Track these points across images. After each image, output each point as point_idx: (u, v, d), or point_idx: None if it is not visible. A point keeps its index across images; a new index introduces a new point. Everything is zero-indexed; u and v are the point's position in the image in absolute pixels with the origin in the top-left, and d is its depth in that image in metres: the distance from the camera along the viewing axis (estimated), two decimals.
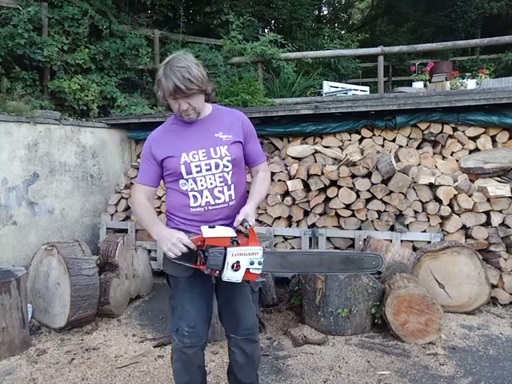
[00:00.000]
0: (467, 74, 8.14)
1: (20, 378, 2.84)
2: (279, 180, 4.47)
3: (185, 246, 1.83)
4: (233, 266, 1.80)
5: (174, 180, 2.01)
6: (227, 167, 1.99)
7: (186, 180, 1.97)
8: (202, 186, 1.97)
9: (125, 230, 4.97)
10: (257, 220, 4.52)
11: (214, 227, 1.89)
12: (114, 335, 3.47)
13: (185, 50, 2.11)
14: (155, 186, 2.09)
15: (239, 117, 2.09)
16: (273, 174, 4.52)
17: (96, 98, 5.75)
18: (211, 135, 2.00)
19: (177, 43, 7.66)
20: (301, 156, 4.73)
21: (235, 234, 1.89)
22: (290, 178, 4.45)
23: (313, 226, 4.33)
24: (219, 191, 1.98)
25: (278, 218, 4.43)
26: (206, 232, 1.85)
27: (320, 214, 4.30)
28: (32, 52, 5.42)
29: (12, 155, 4.50)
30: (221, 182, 1.98)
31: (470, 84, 6.77)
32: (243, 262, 1.81)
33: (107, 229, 5.10)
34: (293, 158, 4.76)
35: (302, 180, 4.37)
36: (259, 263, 1.84)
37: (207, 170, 1.97)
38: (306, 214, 4.40)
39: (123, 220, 5.10)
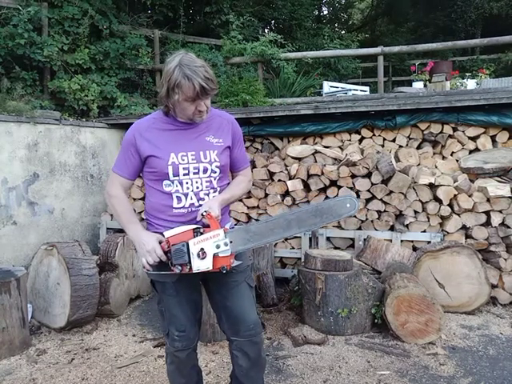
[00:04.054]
0: (467, 74, 8.14)
1: (20, 377, 2.84)
2: (279, 180, 4.47)
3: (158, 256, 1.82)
4: (199, 255, 1.77)
5: (158, 179, 1.92)
6: (215, 172, 1.95)
7: (172, 182, 1.90)
8: (187, 188, 1.91)
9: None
10: (256, 220, 4.53)
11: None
12: (114, 335, 3.47)
13: (185, 50, 2.04)
14: (133, 180, 2.03)
15: (229, 120, 2.05)
16: (273, 173, 4.53)
17: (96, 97, 5.75)
18: (202, 138, 1.94)
19: (177, 43, 7.66)
20: (301, 156, 4.73)
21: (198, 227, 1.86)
22: (290, 178, 4.45)
23: None
24: (205, 194, 1.94)
25: None
26: (167, 233, 1.83)
27: None
28: (32, 52, 5.42)
29: (12, 155, 4.50)
30: (207, 187, 1.94)
31: (470, 84, 6.77)
32: (208, 248, 1.78)
33: (107, 229, 5.09)
34: (293, 158, 4.75)
35: (302, 180, 4.37)
36: (225, 244, 1.78)
37: (195, 174, 1.90)
38: None
39: None
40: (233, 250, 1.83)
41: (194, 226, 1.84)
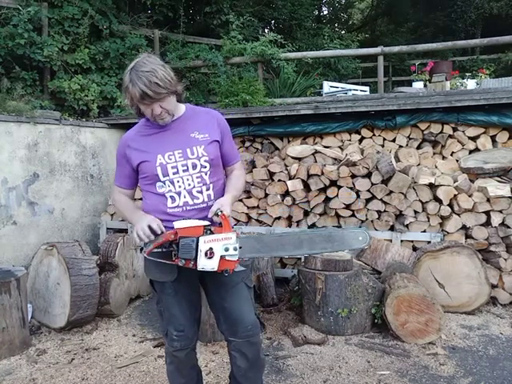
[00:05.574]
0: (467, 74, 8.14)
1: (20, 377, 2.84)
2: (279, 180, 4.47)
3: (153, 231, 1.83)
4: (206, 254, 1.76)
5: (151, 183, 1.96)
6: (205, 167, 1.95)
7: (163, 182, 1.92)
8: (179, 187, 1.93)
9: (125, 230, 4.97)
10: (257, 220, 4.53)
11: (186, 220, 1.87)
12: (114, 335, 3.47)
13: (148, 53, 2.08)
14: (133, 188, 2.10)
15: (214, 115, 2.06)
16: (273, 173, 4.53)
17: (96, 98, 5.75)
18: (187, 135, 1.96)
19: (177, 43, 7.66)
20: (301, 156, 4.73)
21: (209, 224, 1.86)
22: (290, 178, 4.44)
23: (313, 226, 4.32)
24: (198, 191, 1.94)
25: (278, 218, 4.42)
26: (178, 223, 1.82)
27: (320, 214, 4.30)
28: (32, 52, 5.42)
29: (12, 155, 4.51)
30: (199, 183, 1.94)
31: (470, 84, 6.77)
32: (217, 249, 1.77)
33: (107, 229, 5.10)
34: (293, 157, 4.75)
35: (302, 180, 4.37)
36: (234, 249, 1.79)
37: (184, 171, 1.92)
38: (306, 214, 4.39)
39: (123, 220, 5.10)
40: (240, 256, 1.83)
41: (205, 223, 1.84)
